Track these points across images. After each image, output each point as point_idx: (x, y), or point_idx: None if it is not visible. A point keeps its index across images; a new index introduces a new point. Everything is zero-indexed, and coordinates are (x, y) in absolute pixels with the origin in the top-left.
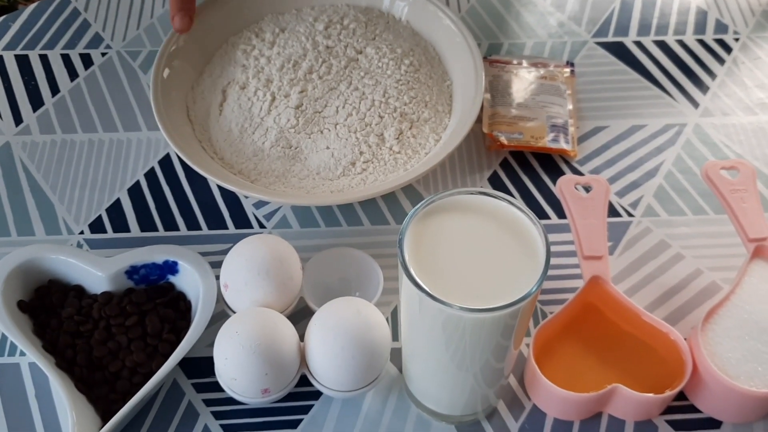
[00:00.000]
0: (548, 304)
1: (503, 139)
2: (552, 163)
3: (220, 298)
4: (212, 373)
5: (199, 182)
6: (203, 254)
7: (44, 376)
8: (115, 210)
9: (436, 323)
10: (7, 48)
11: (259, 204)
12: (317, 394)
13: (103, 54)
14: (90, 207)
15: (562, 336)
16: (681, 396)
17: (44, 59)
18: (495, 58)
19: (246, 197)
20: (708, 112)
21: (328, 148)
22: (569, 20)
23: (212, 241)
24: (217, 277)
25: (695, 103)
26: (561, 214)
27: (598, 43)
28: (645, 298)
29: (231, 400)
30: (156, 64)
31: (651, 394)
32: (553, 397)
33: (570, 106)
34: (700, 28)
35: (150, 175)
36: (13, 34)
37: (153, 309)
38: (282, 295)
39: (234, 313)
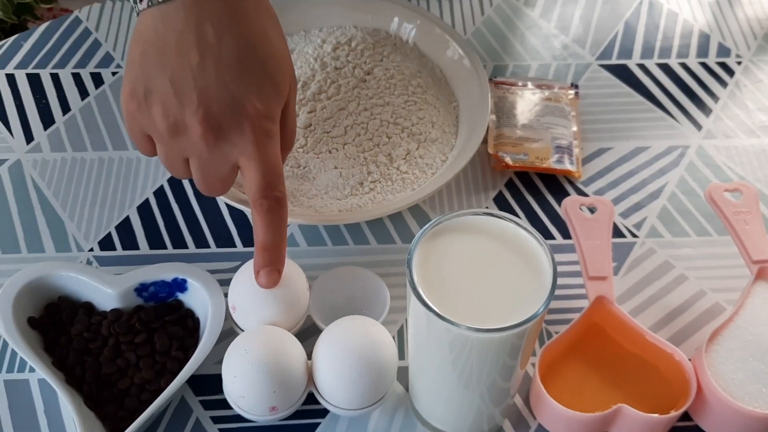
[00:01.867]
0: (554, 324)
1: (508, 160)
2: (556, 184)
3: (228, 316)
4: (220, 390)
5: (207, 201)
6: (212, 272)
7: (53, 393)
8: (125, 227)
9: (443, 342)
10: (19, 66)
11: None
12: (324, 412)
13: (114, 73)
14: (100, 224)
15: (568, 356)
16: (686, 416)
17: (55, 78)
18: (500, 79)
19: None
20: (711, 134)
21: (336, 167)
22: (573, 43)
23: (220, 258)
24: (226, 295)
25: (698, 126)
26: (566, 235)
27: (602, 66)
28: (649, 318)
29: (239, 418)
30: None
31: (656, 415)
32: (558, 416)
33: (574, 128)
34: (702, 51)
35: (159, 193)
36: (25, 53)
37: (161, 326)
38: (289, 313)
39: (242, 331)
